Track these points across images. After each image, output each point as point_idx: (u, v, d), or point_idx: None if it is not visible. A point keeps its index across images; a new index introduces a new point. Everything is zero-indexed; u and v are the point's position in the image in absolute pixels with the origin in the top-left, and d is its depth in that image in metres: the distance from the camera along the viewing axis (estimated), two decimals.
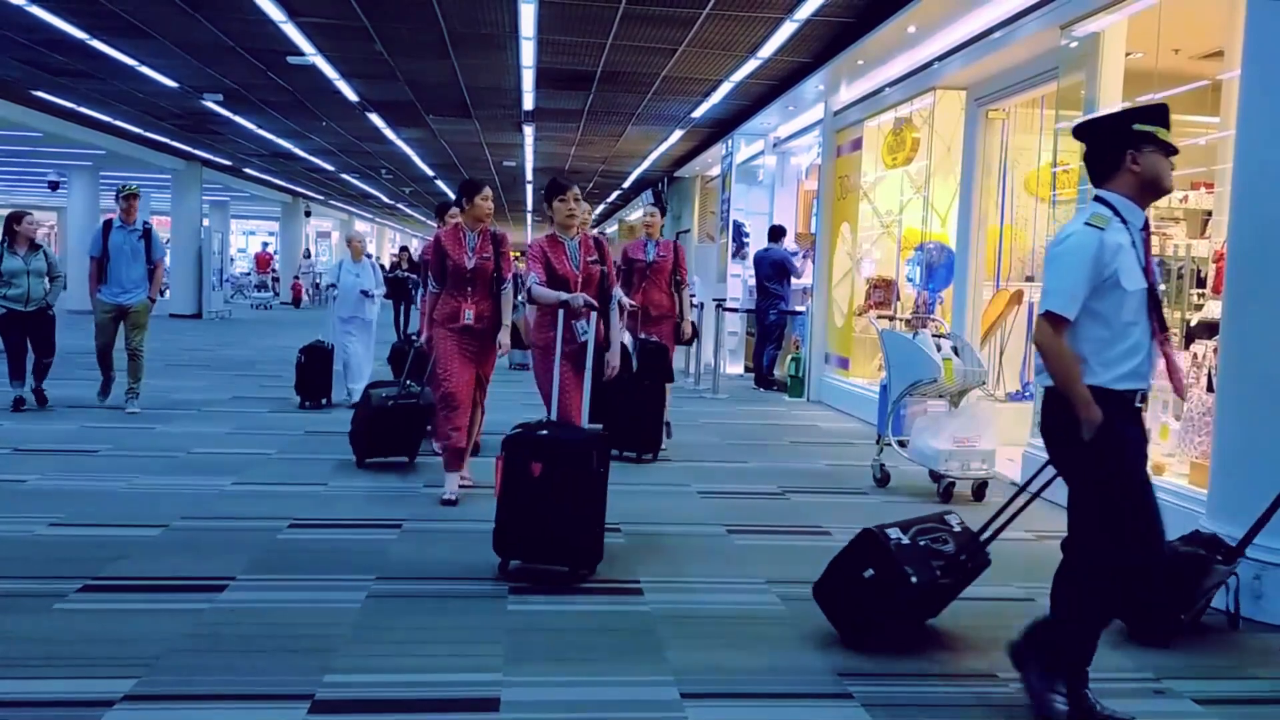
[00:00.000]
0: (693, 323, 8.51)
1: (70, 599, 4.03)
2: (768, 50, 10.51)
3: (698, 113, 14.39)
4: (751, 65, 11.27)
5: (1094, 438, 3.05)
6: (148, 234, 8.86)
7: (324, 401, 9.48)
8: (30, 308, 8.58)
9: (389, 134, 17.65)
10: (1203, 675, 3.66)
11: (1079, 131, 3.35)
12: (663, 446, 7.60)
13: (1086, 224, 3.09)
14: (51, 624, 3.77)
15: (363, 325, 9.68)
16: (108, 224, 8.79)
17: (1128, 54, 6.53)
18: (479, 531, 4.79)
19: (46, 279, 8.72)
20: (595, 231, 10.74)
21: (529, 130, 16.50)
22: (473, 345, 5.88)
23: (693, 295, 9.33)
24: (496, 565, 4.50)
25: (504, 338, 5.92)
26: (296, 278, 31.61)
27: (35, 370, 8.75)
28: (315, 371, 9.44)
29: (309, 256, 34.28)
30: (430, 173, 23.86)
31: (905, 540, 3.82)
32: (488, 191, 5.95)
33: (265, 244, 40.20)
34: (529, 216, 35.54)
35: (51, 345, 8.82)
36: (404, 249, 20.33)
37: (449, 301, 5.87)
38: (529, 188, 26.46)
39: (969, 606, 4.36)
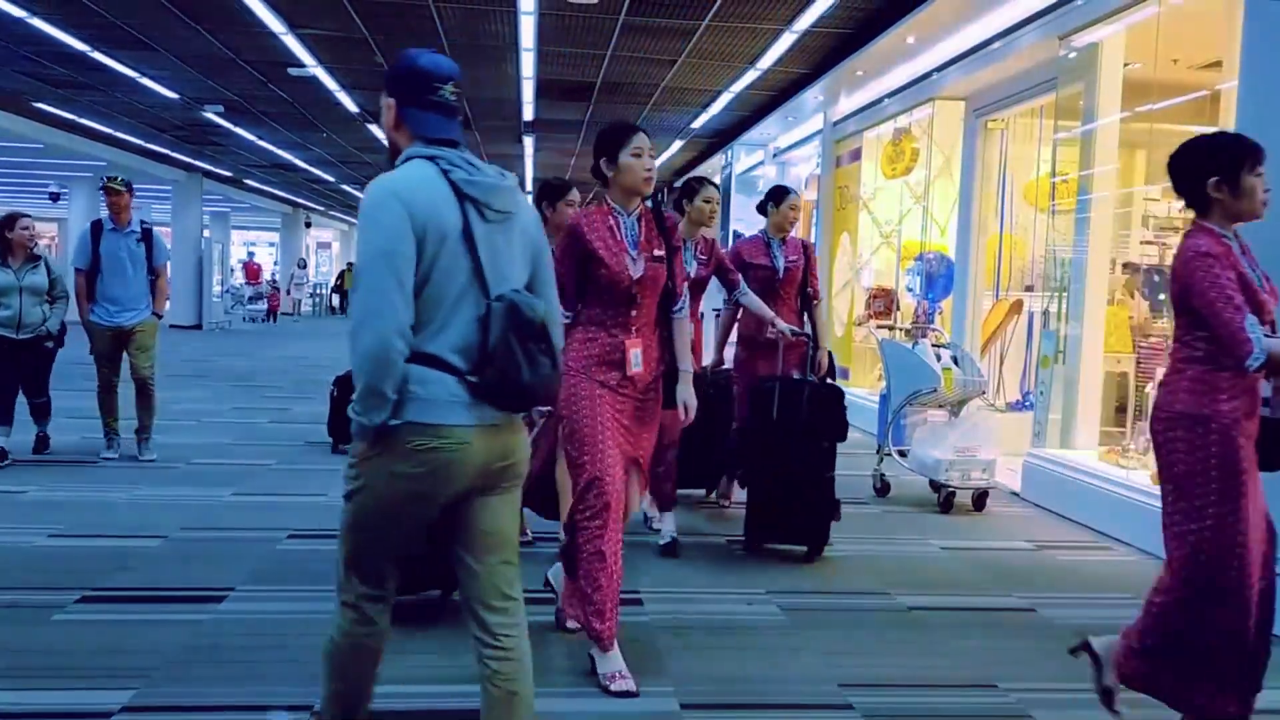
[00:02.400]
0: (830, 352, 5.98)
1: (69, 609, 4.02)
2: (767, 61, 10.54)
3: (697, 123, 14.42)
4: (751, 76, 11.30)
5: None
6: (148, 236, 7.05)
7: None
8: (23, 334, 6.74)
9: None
10: None
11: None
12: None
13: None
14: (50, 634, 3.76)
15: None
16: (96, 226, 6.96)
17: (1126, 64, 6.55)
18: None
19: (46, 299, 6.87)
20: None
21: (529, 141, 16.54)
22: (636, 409, 3.59)
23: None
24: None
25: (688, 394, 3.69)
26: (277, 289, 29.97)
27: (33, 412, 7.09)
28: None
29: (304, 266, 33.87)
30: None
31: None
32: (643, 141, 3.54)
33: (252, 253, 38.60)
34: None
35: (44, 384, 7.05)
36: None
37: (594, 334, 3.56)
38: (528, 199, 26.47)
39: (970, 616, 4.35)
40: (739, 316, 5.85)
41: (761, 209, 5.97)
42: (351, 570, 2.46)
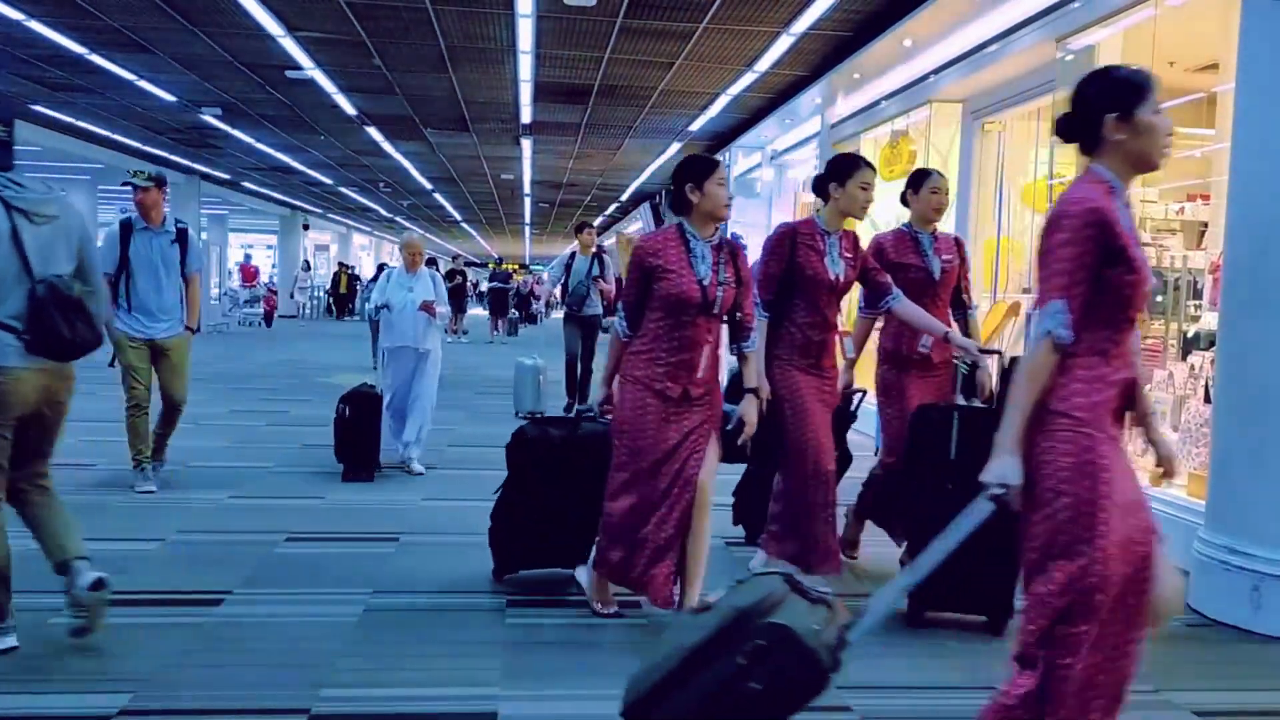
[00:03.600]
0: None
1: (66, 613, 4.01)
2: (765, 64, 10.56)
3: (695, 126, 14.43)
4: (749, 79, 11.31)
5: None
6: (182, 236, 6.26)
7: (378, 467, 6.91)
8: None
9: (387, 148, 17.69)
10: (1202, 687, 3.66)
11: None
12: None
13: None
14: (47, 638, 3.76)
15: (422, 360, 7.09)
16: (126, 226, 6.19)
17: None
18: (475, 544, 4.77)
19: None
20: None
21: (527, 143, 16.55)
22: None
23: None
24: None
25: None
26: (273, 291, 29.15)
27: None
28: (362, 426, 6.69)
29: (308, 269, 33.82)
30: (428, 186, 23.91)
31: None
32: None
33: (248, 255, 38.29)
34: (527, 230, 35.60)
35: None
36: (433, 259, 19.13)
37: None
38: (527, 201, 26.51)
39: (968, 619, 4.34)
40: (883, 328, 4.95)
41: (904, 199, 5.07)
42: None
